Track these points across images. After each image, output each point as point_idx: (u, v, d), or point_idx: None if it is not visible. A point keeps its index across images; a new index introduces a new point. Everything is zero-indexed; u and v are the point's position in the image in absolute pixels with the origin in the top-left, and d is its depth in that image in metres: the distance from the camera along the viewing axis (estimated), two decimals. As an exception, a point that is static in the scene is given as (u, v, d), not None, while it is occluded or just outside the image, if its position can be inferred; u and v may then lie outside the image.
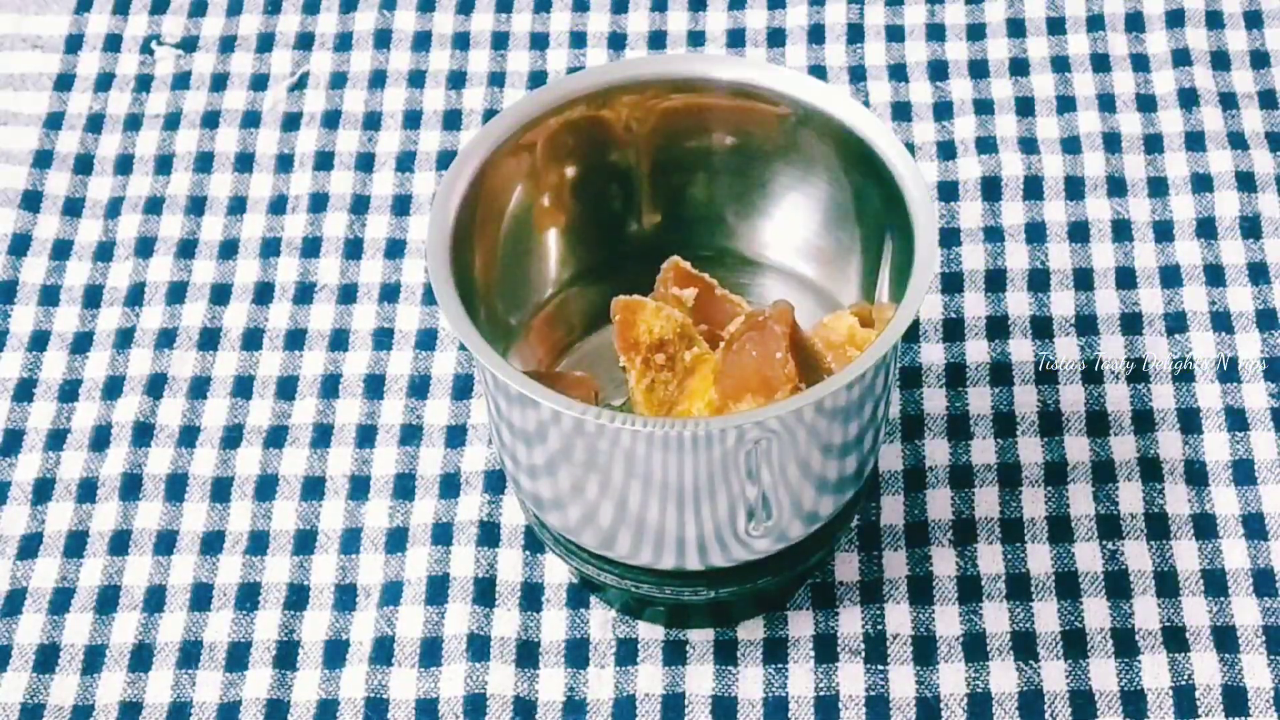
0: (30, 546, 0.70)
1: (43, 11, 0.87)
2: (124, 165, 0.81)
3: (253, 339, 0.75)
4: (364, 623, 0.68)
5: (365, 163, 0.81)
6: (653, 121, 0.66)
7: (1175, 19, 0.84)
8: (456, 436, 0.72)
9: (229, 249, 0.78)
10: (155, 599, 0.68)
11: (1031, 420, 0.72)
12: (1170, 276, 0.76)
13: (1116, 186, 0.79)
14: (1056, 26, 0.85)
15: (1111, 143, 0.80)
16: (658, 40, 0.85)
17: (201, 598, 0.68)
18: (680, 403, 0.63)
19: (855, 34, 0.85)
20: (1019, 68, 0.83)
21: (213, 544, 0.70)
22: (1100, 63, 0.83)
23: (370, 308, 0.76)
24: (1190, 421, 0.71)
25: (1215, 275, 0.76)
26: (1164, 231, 0.77)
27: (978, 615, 0.67)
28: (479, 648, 0.66)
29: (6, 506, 0.71)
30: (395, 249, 0.78)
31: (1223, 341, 0.74)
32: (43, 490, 0.71)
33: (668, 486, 0.59)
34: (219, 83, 0.84)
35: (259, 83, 0.84)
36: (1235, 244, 0.77)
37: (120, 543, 0.70)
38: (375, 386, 0.74)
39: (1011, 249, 0.77)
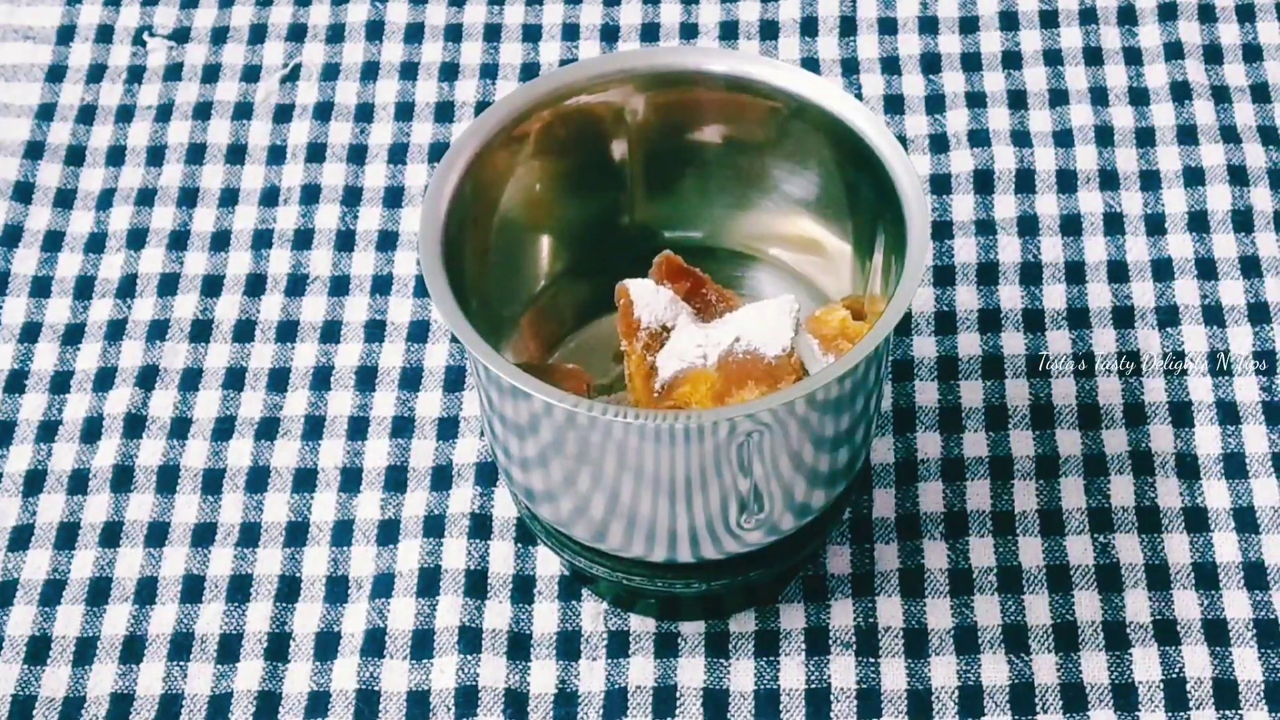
0: (21, 538, 0.70)
1: (35, 3, 0.87)
2: (116, 157, 0.81)
3: (244, 331, 0.75)
4: (355, 615, 0.68)
5: (357, 155, 0.81)
6: (645, 114, 0.66)
7: (1168, 12, 0.84)
8: (448, 429, 0.72)
9: (221, 241, 0.78)
10: (146, 591, 0.68)
11: (1023, 413, 0.72)
12: (1162, 270, 0.76)
13: (1108, 180, 0.79)
14: (1049, 20, 0.85)
15: (1103, 136, 0.80)
16: (650, 33, 0.85)
17: (193, 590, 0.68)
18: (682, 385, 0.62)
19: (848, 27, 0.85)
20: (1011, 61, 0.83)
21: (204, 536, 0.70)
22: (1092, 56, 0.83)
23: (362, 300, 0.76)
24: (1182, 415, 0.72)
25: (1207, 269, 0.76)
26: (1156, 225, 0.77)
27: (969, 608, 0.67)
28: (470, 640, 0.66)
29: (-2, 498, 0.71)
30: (387, 241, 0.78)
31: (1214, 335, 0.74)
32: (34, 482, 0.71)
33: (660, 479, 0.59)
34: (211, 74, 0.84)
35: (251, 74, 0.84)
36: (1227, 237, 0.77)
37: (111, 535, 0.70)
38: (367, 379, 0.74)
39: (1004, 242, 0.77)
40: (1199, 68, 0.82)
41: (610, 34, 0.85)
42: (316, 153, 0.81)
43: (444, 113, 0.82)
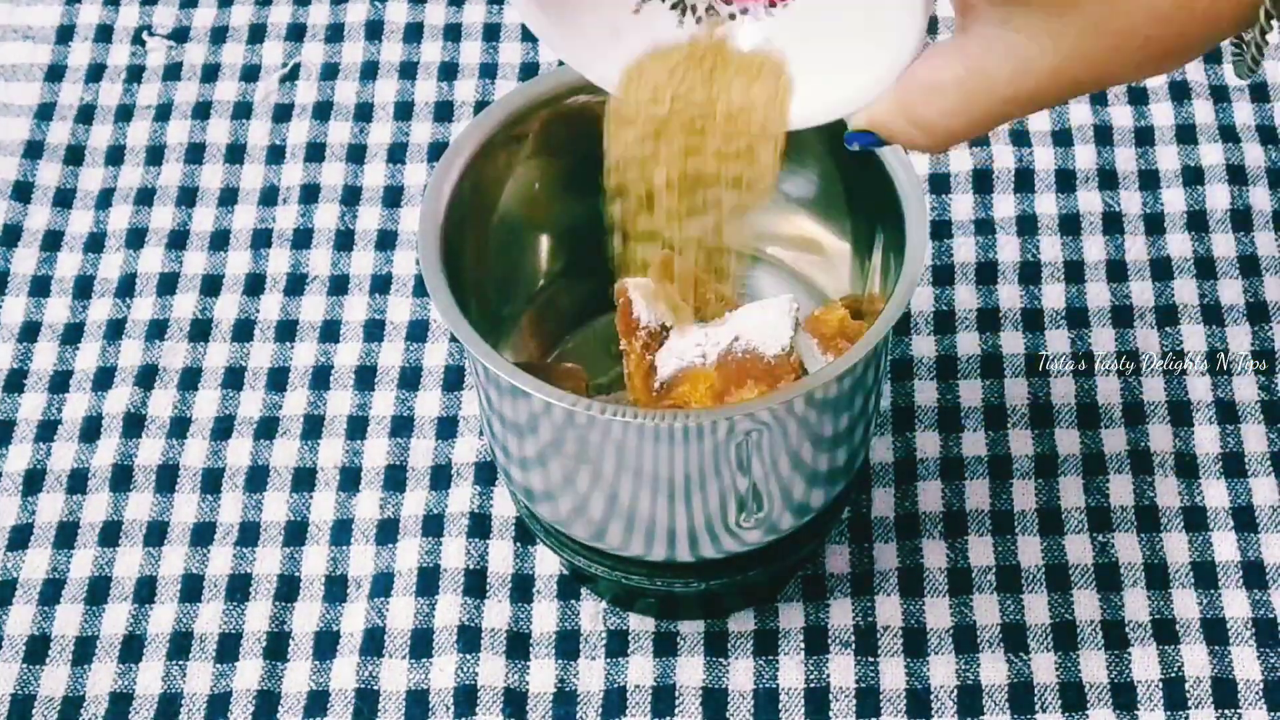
0: (20, 538, 0.70)
1: (35, 3, 0.87)
2: (115, 156, 0.81)
3: (243, 330, 0.75)
4: (355, 614, 0.68)
5: (356, 154, 0.81)
6: (644, 113, 0.66)
7: (1167, 12, 0.84)
8: (447, 428, 0.72)
9: (220, 240, 0.78)
10: (146, 590, 0.68)
11: (1022, 413, 0.72)
12: (1161, 269, 0.76)
13: (1107, 179, 0.79)
14: (1048, 19, 0.85)
15: (1103, 135, 0.80)
16: (649, 32, 0.85)
17: (192, 589, 0.68)
18: (681, 384, 0.62)
19: (847, 26, 0.85)
20: (1011, 60, 0.83)
21: (203, 535, 0.70)
22: (1092, 56, 0.83)
23: (361, 299, 0.76)
24: (1180, 414, 0.72)
25: (1206, 268, 0.76)
26: (1155, 224, 0.77)
27: (968, 607, 0.67)
28: (470, 639, 0.66)
29: (-3, 497, 0.71)
30: (386, 240, 0.78)
31: (1213, 334, 0.74)
32: (33, 481, 0.71)
33: (659, 478, 0.59)
34: (210, 74, 0.84)
35: (250, 74, 0.84)
36: (1226, 237, 0.77)
37: (111, 534, 0.70)
38: (366, 378, 0.74)
39: (1003, 241, 0.77)
40: (1198, 67, 0.82)
41: (609, 33, 0.85)
42: (316, 152, 0.81)
43: (443, 112, 0.82)
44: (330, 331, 0.75)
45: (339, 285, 0.77)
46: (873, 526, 0.69)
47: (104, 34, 0.86)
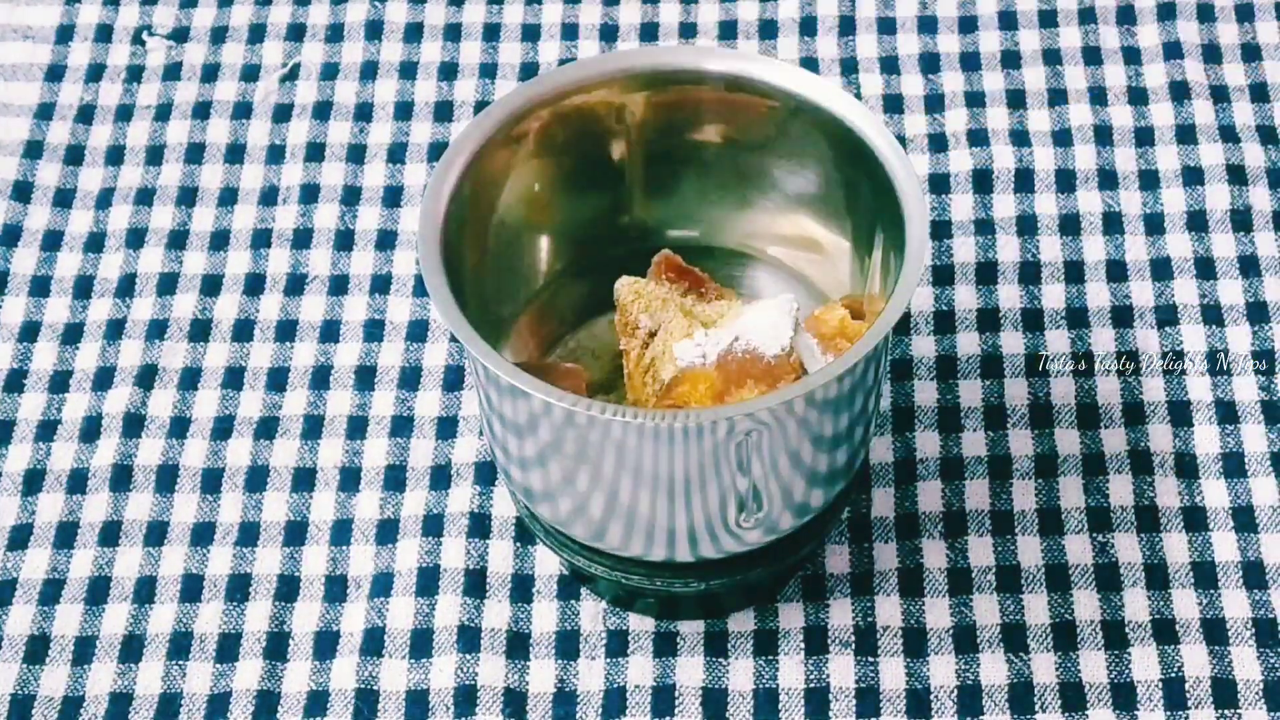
0: (20, 538, 0.70)
1: (34, 2, 0.87)
2: (115, 156, 0.81)
3: (243, 330, 0.75)
4: (354, 614, 0.68)
5: (356, 154, 0.81)
6: (644, 113, 0.66)
7: (1167, 12, 0.84)
8: (447, 428, 0.72)
9: (220, 240, 0.78)
10: (145, 590, 0.68)
11: (1022, 413, 0.72)
12: (1161, 269, 0.76)
13: (1107, 179, 0.79)
14: (1048, 19, 0.85)
15: (1103, 135, 0.80)
16: (649, 32, 0.85)
17: (192, 589, 0.68)
18: (681, 384, 0.62)
19: (847, 26, 0.85)
20: (1010, 60, 0.83)
21: (203, 535, 0.70)
22: (1092, 55, 0.83)
23: (361, 299, 0.76)
24: (1180, 414, 0.72)
25: (1206, 268, 0.76)
26: (1155, 224, 0.77)
27: (968, 607, 0.67)
28: (469, 639, 0.66)
29: (-3, 497, 0.71)
30: (386, 240, 0.78)
31: (1213, 334, 0.74)
32: (33, 481, 0.71)
33: (658, 478, 0.59)
34: (210, 73, 0.84)
35: (250, 74, 0.84)
36: (1226, 237, 0.77)
37: (110, 534, 0.70)
38: (366, 378, 0.74)
39: (1002, 241, 0.77)
40: (1198, 67, 0.82)
41: (610, 33, 0.85)
42: (316, 152, 0.81)
43: (443, 112, 0.82)
44: (330, 331, 0.75)
45: (339, 285, 0.77)
46: (873, 526, 0.69)
47: (104, 34, 0.86)
